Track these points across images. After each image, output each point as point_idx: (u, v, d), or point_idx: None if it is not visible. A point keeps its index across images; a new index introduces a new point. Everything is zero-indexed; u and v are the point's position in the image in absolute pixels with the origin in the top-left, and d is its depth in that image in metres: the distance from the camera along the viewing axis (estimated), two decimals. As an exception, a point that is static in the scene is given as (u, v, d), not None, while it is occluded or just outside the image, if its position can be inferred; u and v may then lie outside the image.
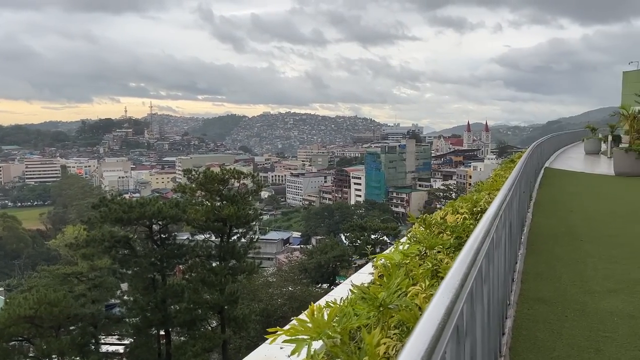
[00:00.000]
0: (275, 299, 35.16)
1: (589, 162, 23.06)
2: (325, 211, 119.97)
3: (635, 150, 15.56)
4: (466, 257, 2.31)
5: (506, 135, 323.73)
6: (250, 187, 33.06)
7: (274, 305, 33.49)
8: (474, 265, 2.38)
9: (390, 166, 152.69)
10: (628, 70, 58.75)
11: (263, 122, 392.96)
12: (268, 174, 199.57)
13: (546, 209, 9.90)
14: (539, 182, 14.17)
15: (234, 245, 27.56)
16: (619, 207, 10.11)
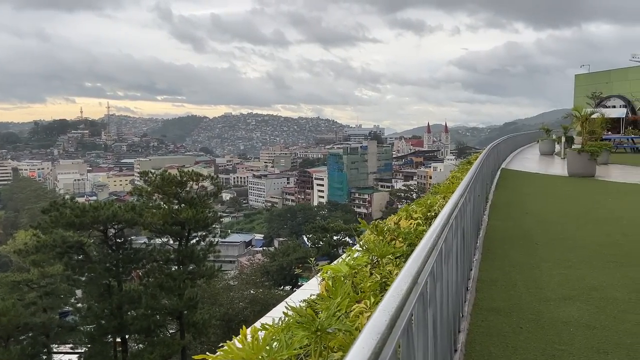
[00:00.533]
0: (236, 303, 34.80)
1: (544, 163, 23.50)
2: (288, 212, 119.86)
3: (587, 151, 15.85)
4: (407, 276, 2.02)
5: (465, 136, 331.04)
6: (210, 189, 32.79)
7: (235, 309, 33.08)
8: (416, 286, 2.09)
9: (353, 167, 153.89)
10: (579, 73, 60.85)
11: (224, 123, 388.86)
12: (230, 176, 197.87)
13: (502, 211, 9.84)
14: (496, 184, 14.22)
15: (192, 249, 26.98)
16: (573, 208, 10.15)
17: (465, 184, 5.16)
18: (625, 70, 52.65)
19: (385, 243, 5.33)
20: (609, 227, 8.22)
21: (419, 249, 2.42)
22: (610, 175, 16.73)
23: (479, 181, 7.96)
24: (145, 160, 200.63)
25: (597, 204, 10.70)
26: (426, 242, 2.48)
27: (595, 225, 8.42)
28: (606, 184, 14.30)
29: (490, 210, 9.93)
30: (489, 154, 13.10)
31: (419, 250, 2.39)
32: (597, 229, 8.16)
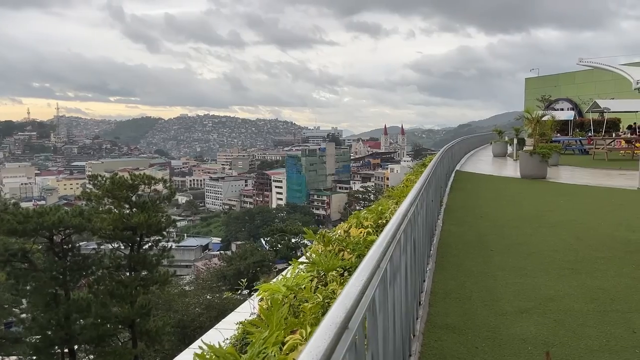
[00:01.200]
0: (192, 309, 34.15)
1: (497, 165, 23.78)
2: (246, 215, 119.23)
3: (539, 153, 15.99)
4: (341, 309, 1.59)
5: (421, 138, 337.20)
6: (163, 192, 32.15)
7: (190, 316, 32.37)
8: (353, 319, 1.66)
9: (311, 169, 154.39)
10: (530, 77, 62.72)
11: (180, 125, 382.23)
12: (186, 178, 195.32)
13: (456, 215, 9.62)
14: (450, 186, 14.10)
15: (145, 254, 26.19)
16: (527, 211, 10.03)
17: (416, 191, 4.80)
18: (572, 74, 54.60)
19: (332, 255, 4.90)
20: (563, 231, 8.10)
21: (358, 272, 1.98)
22: (560, 176, 16.99)
23: (432, 185, 7.67)
24: (97, 162, 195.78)
25: (550, 206, 10.64)
26: (366, 264, 2.04)
27: (550, 229, 8.28)
28: (557, 186, 14.42)
29: (445, 214, 9.70)
30: (443, 157, 12.95)
31: (358, 274, 1.95)
32: (552, 233, 8.02)
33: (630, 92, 34.48)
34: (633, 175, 16.80)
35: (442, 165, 12.29)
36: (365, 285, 1.84)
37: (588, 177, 16.82)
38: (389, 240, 2.54)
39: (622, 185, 14.05)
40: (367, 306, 1.91)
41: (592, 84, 50.56)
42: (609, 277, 5.61)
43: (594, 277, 5.63)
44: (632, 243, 7.16)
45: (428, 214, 6.52)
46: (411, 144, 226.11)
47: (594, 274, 5.73)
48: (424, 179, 5.99)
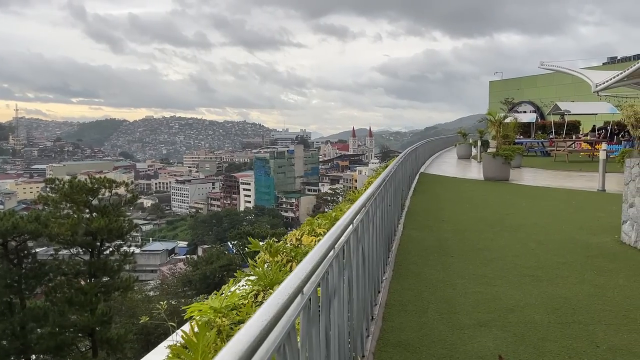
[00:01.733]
0: (156, 315, 33.31)
1: (461, 167, 23.83)
2: (213, 218, 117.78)
3: (502, 155, 15.98)
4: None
5: (389, 140, 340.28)
6: (125, 196, 31.35)
7: (155, 321, 31.56)
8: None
9: (280, 171, 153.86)
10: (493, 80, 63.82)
11: (146, 127, 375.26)
12: (151, 181, 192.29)
13: (418, 218, 9.35)
14: (414, 189, 13.90)
15: (105, 260, 25.38)
16: (489, 215, 9.85)
17: (366, 197, 4.43)
18: (534, 78, 55.83)
19: (278, 267, 4.49)
20: (524, 235, 7.90)
21: (259, 313, 1.50)
22: (523, 178, 17.04)
23: (390, 189, 7.36)
24: (59, 166, 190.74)
25: (512, 208, 10.49)
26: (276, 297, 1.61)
27: (511, 233, 8.07)
28: (520, 188, 14.38)
29: (406, 218, 9.42)
30: (406, 159, 12.71)
31: (258, 315, 1.47)
32: (513, 237, 7.81)
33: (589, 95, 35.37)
34: (593, 176, 16.98)
35: (405, 168, 12.05)
36: (272, 323, 1.43)
37: (550, 179, 16.91)
38: (319, 259, 2.15)
39: (583, 187, 14.12)
40: (276, 348, 1.51)
41: (552, 87, 51.81)
42: (570, 284, 5.39)
43: (556, 284, 5.39)
44: (592, 247, 7.01)
45: (385, 220, 6.19)
46: (379, 146, 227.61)
47: (556, 281, 5.49)
48: (378, 184, 5.64)
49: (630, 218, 6.91)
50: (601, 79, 25.96)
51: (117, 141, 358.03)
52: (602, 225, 8.43)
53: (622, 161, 17.68)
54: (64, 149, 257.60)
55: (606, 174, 13.41)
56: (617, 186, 14.07)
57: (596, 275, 5.65)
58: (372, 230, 4.55)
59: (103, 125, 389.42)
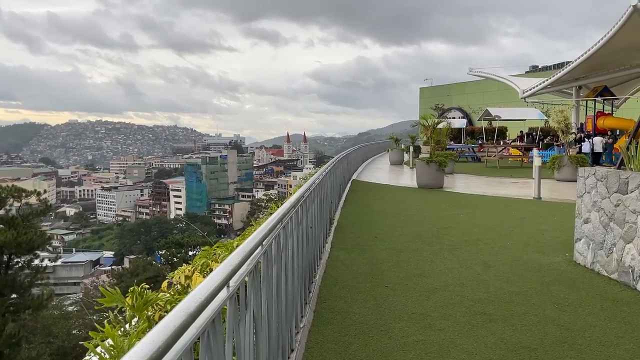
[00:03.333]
0: (75, 333, 31.21)
1: (394, 173, 23.16)
2: (141, 227, 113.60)
3: (435, 162, 15.26)
4: None
5: (323, 145, 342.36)
6: (36, 206, 28.69)
7: (72, 341, 29.24)
8: None
9: (212, 177, 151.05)
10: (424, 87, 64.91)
11: (69, 131, 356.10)
12: (75, 189, 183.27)
13: (348, 235, 8.17)
14: (345, 198, 12.80)
15: (14, 277, 23.49)
16: (425, 229, 8.84)
17: (276, 219, 3.17)
18: (463, 85, 57.31)
19: (141, 331, 3.13)
20: (467, 255, 6.88)
21: None
22: (457, 185, 16.43)
23: (316, 200, 6.14)
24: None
25: (450, 221, 9.55)
26: None
27: (452, 252, 7.04)
28: (455, 196, 13.63)
29: (335, 234, 8.22)
30: (336, 166, 11.58)
31: None
32: (455, 257, 6.78)
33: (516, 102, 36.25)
34: (526, 183, 16.67)
35: (335, 176, 10.91)
36: None
37: (483, 186, 16.42)
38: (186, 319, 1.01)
39: (519, 195, 13.58)
40: None
41: (480, 94, 53.32)
42: (530, 325, 4.34)
43: (513, 326, 4.33)
44: (545, 270, 6.09)
45: (306, 243, 4.95)
46: (314, 151, 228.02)
47: (512, 322, 4.43)
48: (296, 198, 4.39)
49: (586, 235, 6.06)
50: (527, 86, 26.39)
51: (38, 146, 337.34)
52: (548, 241, 7.61)
53: (553, 167, 17.62)
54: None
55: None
56: (551, 193, 13.67)
57: (558, 312, 4.65)
58: (286, 258, 3.29)
59: (21, 129, 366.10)
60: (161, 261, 59.26)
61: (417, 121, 18.88)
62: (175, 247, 60.60)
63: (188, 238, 67.59)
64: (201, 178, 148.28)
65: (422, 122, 16.63)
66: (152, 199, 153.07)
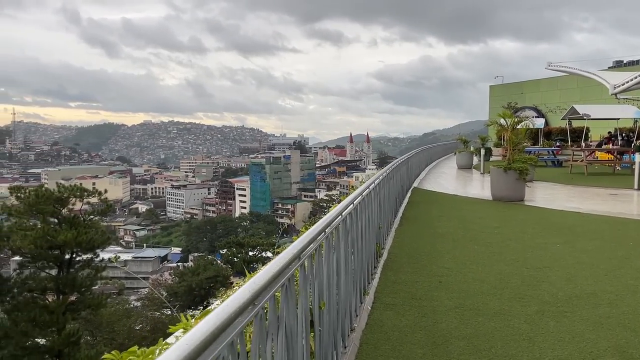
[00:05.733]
0: (135, 331, 31.34)
1: (462, 180, 20.47)
2: (207, 225, 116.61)
3: (515, 169, 12.62)
4: None
5: (387, 146, 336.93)
6: (98, 206, 28.48)
7: (134, 339, 29.31)
8: None
9: (275, 177, 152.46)
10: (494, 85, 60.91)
11: (144, 131, 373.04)
12: (147, 186, 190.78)
13: (401, 278, 5.92)
14: (402, 215, 10.52)
15: (74, 276, 23.62)
16: (510, 269, 6.37)
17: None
18: (537, 82, 53.06)
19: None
20: (586, 327, 4.39)
21: None
22: (540, 198, 13.59)
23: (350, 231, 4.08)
24: (54, 170, 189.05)
25: (543, 256, 7.01)
26: None
27: (559, 322, 4.55)
28: (542, 213, 10.91)
29: (383, 273, 6.03)
30: (391, 175, 9.35)
31: None
32: (566, 332, 4.31)
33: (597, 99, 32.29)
34: (627, 195, 13.65)
35: (388, 188, 8.70)
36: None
37: (574, 199, 13.53)
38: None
39: (625, 213, 10.70)
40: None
41: (557, 91, 49.02)
42: None
43: None
44: None
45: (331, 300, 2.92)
46: (377, 151, 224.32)
47: None
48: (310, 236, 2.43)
49: None
50: (619, 80, 22.80)
51: (115, 145, 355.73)
52: None
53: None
54: (61, 153, 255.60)
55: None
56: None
57: None
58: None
59: (101, 129, 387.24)
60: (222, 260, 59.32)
61: (492, 120, 16.18)
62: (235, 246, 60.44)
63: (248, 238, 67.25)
64: (265, 178, 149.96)
65: (499, 120, 13.98)
66: (219, 198, 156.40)
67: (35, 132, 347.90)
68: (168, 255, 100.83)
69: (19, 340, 20.52)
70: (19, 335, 20.56)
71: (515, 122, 13.92)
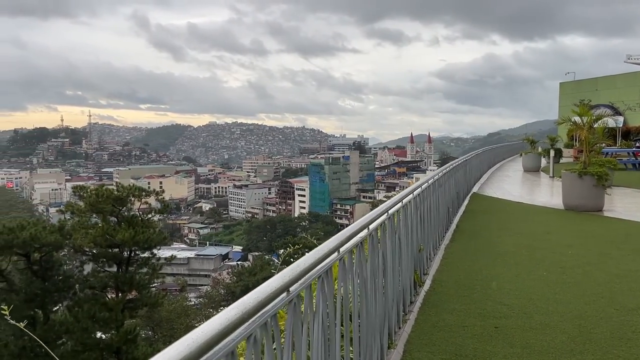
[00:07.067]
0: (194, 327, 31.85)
1: (529, 184, 18.55)
2: (267, 224, 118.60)
3: (592, 175, 10.86)
4: None
5: (449, 146, 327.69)
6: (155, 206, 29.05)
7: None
8: None
9: (334, 177, 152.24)
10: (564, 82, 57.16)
11: (209, 132, 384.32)
12: (211, 186, 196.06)
13: (444, 320, 4.62)
14: (456, 227, 9.13)
15: (132, 274, 23.98)
16: (590, 310, 4.93)
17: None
18: (612, 78, 49.25)
19: None
20: None
21: None
22: (623, 208, 11.66)
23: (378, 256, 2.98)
24: (125, 169, 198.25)
25: (637, 291, 5.53)
26: None
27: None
28: (628, 229, 9.06)
29: (421, 314, 4.77)
30: (443, 181, 8.01)
31: None
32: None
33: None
34: None
35: (437, 198, 7.40)
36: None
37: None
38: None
39: None
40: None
41: (635, 87, 45.29)
42: None
43: None
44: None
45: None
46: (439, 152, 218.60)
47: None
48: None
49: None
50: None
51: (182, 146, 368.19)
52: None
53: None
54: (132, 153, 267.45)
55: None
56: None
57: None
58: None
59: (169, 130, 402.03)
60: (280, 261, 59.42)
61: (564, 117, 14.31)
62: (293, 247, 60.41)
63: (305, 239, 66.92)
64: (324, 178, 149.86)
65: (575, 118, 12.19)
66: (279, 197, 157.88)
67: (109, 133, 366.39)
68: (229, 254, 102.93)
69: (80, 336, 20.69)
70: (80, 331, 20.70)
71: (592, 119, 12.08)
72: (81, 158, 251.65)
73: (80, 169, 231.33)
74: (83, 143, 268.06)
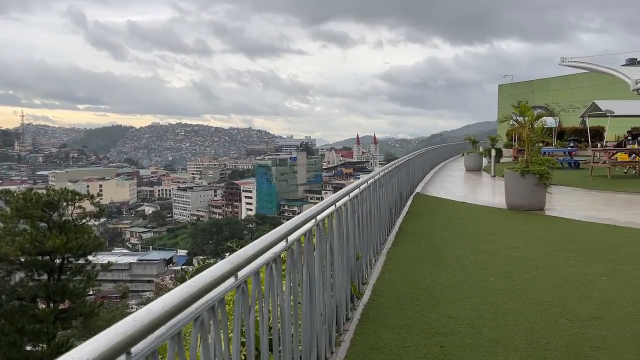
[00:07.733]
0: None
1: (472, 184, 18.54)
2: (213, 227, 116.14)
3: (534, 173, 10.71)
4: None
5: (394, 147, 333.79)
6: (91, 210, 27.78)
7: None
8: None
9: (282, 179, 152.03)
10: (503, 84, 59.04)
11: (152, 133, 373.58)
12: (154, 188, 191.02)
13: (385, 336, 4.01)
14: (398, 229, 8.63)
15: (65, 283, 23.12)
16: (541, 320, 4.48)
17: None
18: (547, 81, 51.39)
19: None
20: None
21: None
22: (563, 206, 11.60)
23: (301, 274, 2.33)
24: (61, 172, 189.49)
25: (588, 296, 4.99)
26: None
27: None
28: (571, 228, 8.87)
29: (358, 333, 4.12)
30: (382, 182, 7.49)
31: None
32: None
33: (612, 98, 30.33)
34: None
35: (378, 200, 6.84)
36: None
37: (606, 208, 11.55)
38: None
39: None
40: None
41: (568, 90, 47.31)
42: None
43: None
44: None
45: None
46: (384, 153, 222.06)
47: None
48: None
49: None
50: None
51: (124, 147, 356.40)
52: None
53: None
54: (69, 155, 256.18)
55: None
56: None
57: None
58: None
59: (109, 131, 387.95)
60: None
61: (505, 116, 14.27)
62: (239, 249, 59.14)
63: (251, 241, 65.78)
64: (271, 179, 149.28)
65: (516, 117, 12.06)
66: (225, 200, 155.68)
67: (44, 134, 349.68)
68: (173, 258, 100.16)
69: (7, 350, 19.92)
70: (7, 345, 19.96)
71: (534, 117, 11.98)
72: (13, 161, 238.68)
73: (12, 172, 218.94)
74: (15, 145, 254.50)
